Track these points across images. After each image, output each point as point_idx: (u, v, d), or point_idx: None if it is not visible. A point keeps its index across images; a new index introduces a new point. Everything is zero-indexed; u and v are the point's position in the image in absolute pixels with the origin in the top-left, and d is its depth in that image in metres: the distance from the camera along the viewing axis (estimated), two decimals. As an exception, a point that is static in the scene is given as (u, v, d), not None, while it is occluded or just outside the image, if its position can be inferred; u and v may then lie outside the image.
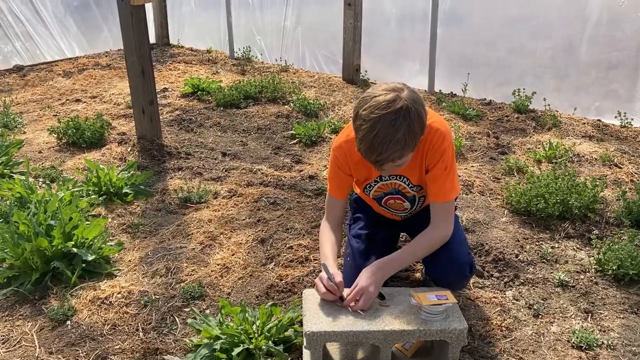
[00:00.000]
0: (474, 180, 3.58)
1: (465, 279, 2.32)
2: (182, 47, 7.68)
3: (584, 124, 4.54)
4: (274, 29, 6.69)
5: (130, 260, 2.82)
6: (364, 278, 2.03)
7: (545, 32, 4.82)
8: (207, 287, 2.59)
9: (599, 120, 4.61)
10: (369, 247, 2.33)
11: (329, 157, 2.29)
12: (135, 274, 2.71)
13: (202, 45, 7.55)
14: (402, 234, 2.68)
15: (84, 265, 2.66)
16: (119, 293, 2.55)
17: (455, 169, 2.16)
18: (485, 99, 5.18)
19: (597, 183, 3.22)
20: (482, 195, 3.44)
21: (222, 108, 5.14)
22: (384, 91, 1.86)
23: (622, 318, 2.37)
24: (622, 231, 2.93)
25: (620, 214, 3.07)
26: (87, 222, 2.88)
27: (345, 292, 2.05)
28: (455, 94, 5.33)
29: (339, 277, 2.03)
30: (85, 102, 5.37)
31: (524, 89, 4.85)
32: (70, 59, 6.99)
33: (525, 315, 2.39)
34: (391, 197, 2.30)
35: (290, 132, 4.49)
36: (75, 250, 2.68)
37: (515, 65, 5.05)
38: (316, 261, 2.75)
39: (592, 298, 2.49)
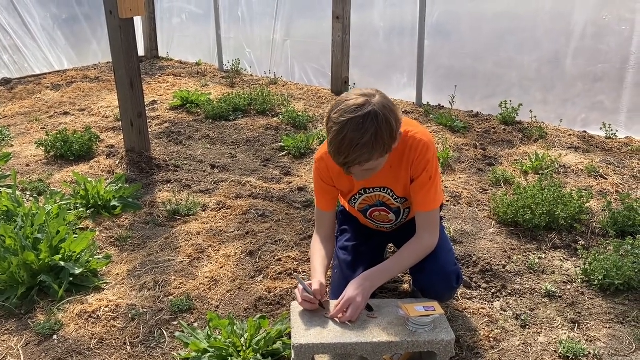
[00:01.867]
0: (462, 192, 3.61)
1: (453, 290, 2.32)
2: (172, 59, 7.70)
3: (570, 135, 4.59)
4: (263, 42, 6.73)
5: (118, 274, 2.81)
6: (351, 289, 2.03)
7: (531, 45, 4.88)
8: (196, 300, 2.58)
9: (585, 131, 4.66)
10: (356, 259, 2.34)
11: (313, 169, 2.31)
12: (123, 287, 2.70)
13: (191, 58, 7.57)
14: (389, 245, 2.69)
15: (71, 278, 2.65)
16: (106, 307, 2.53)
17: (439, 178, 2.18)
18: (472, 111, 5.23)
19: (583, 194, 3.25)
20: (470, 206, 3.46)
21: (211, 120, 5.15)
22: (355, 96, 1.90)
23: (609, 328, 2.38)
24: (607, 241, 2.96)
25: (605, 224, 3.10)
26: (74, 236, 2.87)
27: (333, 304, 2.05)
28: (442, 106, 5.37)
29: (316, 284, 2.04)
30: (73, 115, 5.35)
31: (510, 101, 4.90)
32: (58, 71, 6.98)
33: (512, 325, 2.40)
34: (376, 209, 2.31)
35: (279, 144, 4.51)
36: (62, 263, 2.66)
37: (502, 78, 5.11)
38: (304, 273, 2.75)
39: (579, 308, 2.51)
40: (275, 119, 5.16)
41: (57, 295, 2.56)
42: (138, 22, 7.60)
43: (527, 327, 2.39)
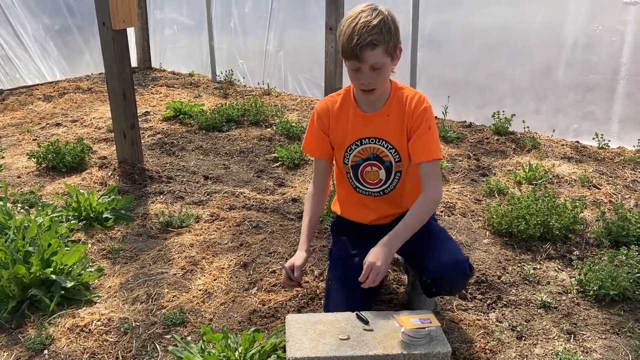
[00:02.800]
0: (456, 202, 3.60)
1: (467, 278, 2.31)
2: (164, 70, 7.68)
3: (563, 145, 4.61)
4: (257, 52, 6.73)
5: (110, 287, 2.78)
6: (372, 255, 2.10)
7: (523, 56, 4.91)
8: (189, 313, 2.56)
9: (578, 141, 4.68)
10: (353, 271, 2.29)
11: (311, 116, 2.40)
12: (115, 300, 2.67)
13: (184, 69, 7.56)
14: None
15: (62, 292, 2.62)
16: (98, 320, 2.50)
17: (437, 132, 2.28)
18: (465, 121, 5.25)
19: (577, 204, 3.26)
20: (464, 217, 3.46)
21: (204, 131, 5.14)
22: (361, 5, 2.12)
23: (604, 339, 2.38)
24: (602, 251, 2.96)
25: (599, 234, 3.10)
26: (66, 248, 2.84)
27: (328, 316, 2.04)
28: (436, 117, 5.34)
29: (298, 259, 2.28)
30: (65, 126, 5.33)
31: (503, 111, 4.92)
32: (50, 82, 6.95)
33: (508, 337, 2.39)
34: (369, 164, 2.32)
35: (273, 155, 4.50)
36: (53, 277, 2.63)
37: (495, 88, 5.13)
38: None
39: (575, 319, 2.50)
40: (268, 129, 5.16)
41: (48, 309, 2.53)
42: (131, 32, 7.59)
43: (523, 338, 2.38)
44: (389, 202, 2.38)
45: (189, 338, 2.39)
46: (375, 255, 2.09)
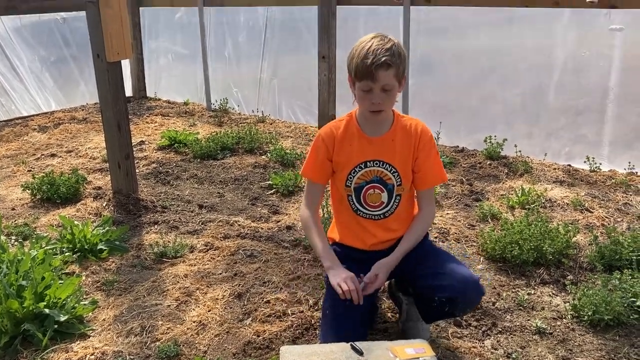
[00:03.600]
0: (450, 228, 3.62)
1: (482, 296, 2.35)
2: (159, 99, 7.74)
3: (555, 169, 4.64)
4: (250, 81, 6.80)
5: (104, 319, 2.77)
6: (376, 266, 2.29)
7: (514, 80, 4.98)
8: (183, 345, 2.55)
9: (569, 165, 4.72)
10: (349, 300, 2.29)
11: (313, 142, 2.44)
12: (109, 333, 2.65)
13: (179, 98, 7.62)
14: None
15: (56, 326, 2.60)
16: (92, 354, 2.48)
17: (439, 156, 2.43)
18: (458, 146, 5.29)
19: (570, 228, 3.27)
20: (458, 242, 3.47)
21: (199, 160, 5.16)
22: (369, 34, 2.22)
23: (600, 365, 2.38)
24: (595, 276, 2.97)
25: (593, 258, 3.11)
26: (60, 281, 2.83)
27: (331, 346, 2.05)
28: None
29: (350, 281, 2.23)
30: (60, 156, 5.35)
31: (495, 136, 4.96)
32: (46, 113, 6.99)
33: (504, 364, 2.38)
34: (371, 186, 2.36)
35: (268, 182, 4.51)
36: (47, 311, 2.62)
37: (486, 113, 5.18)
38: (294, 315, 2.72)
39: (570, 345, 2.50)
40: (263, 157, 5.19)
41: (41, 344, 2.51)
42: (126, 62, 7.66)
43: (519, 365, 2.38)
44: (387, 226, 2.42)
45: (183, 371, 2.38)
46: (382, 261, 2.31)
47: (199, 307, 2.84)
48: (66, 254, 3.30)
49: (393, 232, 2.42)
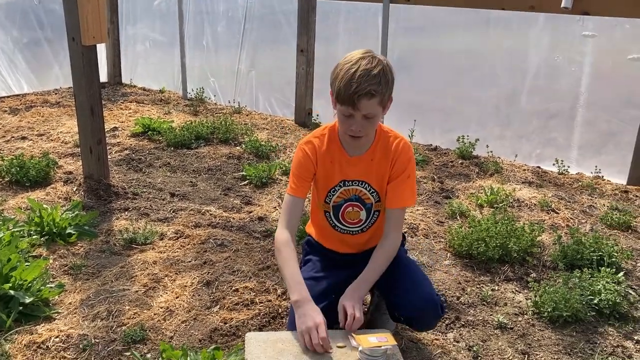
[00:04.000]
0: (419, 224, 3.67)
1: (439, 318, 2.36)
2: (135, 86, 7.66)
3: (525, 170, 4.74)
4: (228, 71, 6.77)
5: (70, 303, 2.75)
6: (346, 300, 2.13)
7: (489, 82, 5.06)
8: (150, 330, 2.55)
9: (539, 167, 4.82)
10: (317, 293, 2.31)
11: (294, 156, 2.36)
12: (75, 317, 2.64)
13: (155, 85, 7.55)
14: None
15: (21, 308, 2.58)
16: (56, 337, 2.47)
17: (415, 179, 2.32)
18: (431, 144, 5.35)
19: (535, 228, 3.35)
20: (427, 238, 3.52)
21: (172, 148, 5.13)
22: (358, 51, 2.13)
23: (557, 359, 2.45)
24: (557, 274, 3.05)
25: (556, 257, 3.20)
26: (26, 264, 2.81)
27: (296, 333, 2.06)
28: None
29: (319, 318, 2.02)
30: (31, 139, 5.27)
31: (468, 135, 5.04)
32: (17, 95, 6.86)
33: (465, 357, 2.44)
34: (350, 204, 2.35)
35: (241, 173, 4.52)
36: (12, 292, 2.59)
37: (461, 113, 5.26)
38: (262, 304, 2.74)
39: (529, 340, 2.57)
40: (237, 148, 5.18)
41: (5, 326, 2.49)
42: (102, 47, 7.56)
43: (479, 358, 2.44)
44: (364, 237, 2.44)
45: (148, 355, 2.38)
46: (349, 299, 2.12)
47: (167, 293, 2.84)
48: (34, 237, 3.27)
49: (370, 242, 2.44)
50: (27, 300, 2.60)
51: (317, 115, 5.94)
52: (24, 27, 7.04)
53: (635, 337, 2.60)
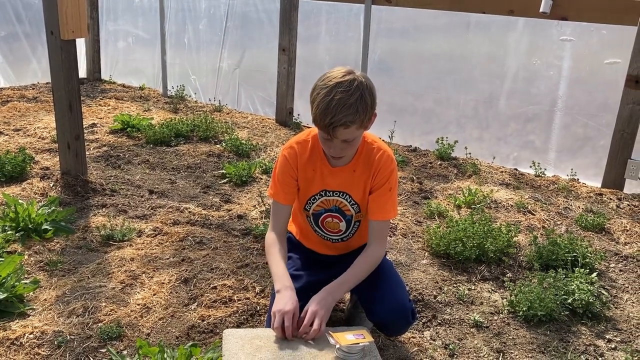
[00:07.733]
0: (398, 223, 3.70)
1: (409, 325, 2.38)
2: (114, 83, 7.59)
3: (502, 172, 4.80)
4: (209, 69, 6.74)
5: (45, 299, 2.72)
6: (315, 303, 2.06)
7: (468, 85, 5.11)
8: (126, 327, 2.53)
9: (516, 169, 4.89)
10: (307, 288, 2.30)
11: (277, 159, 2.34)
12: (50, 313, 2.61)
13: (135, 82, 7.49)
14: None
15: (-6, 304, 2.55)
16: (30, 333, 2.44)
17: (396, 192, 2.29)
18: (411, 145, 5.39)
19: (511, 228, 3.40)
20: (405, 237, 3.55)
21: (152, 145, 5.10)
22: (339, 69, 2.06)
23: (531, 357, 2.48)
24: (532, 274, 3.09)
25: (531, 258, 3.24)
26: (0, 259, 2.77)
27: (269, 331, 2.06)
28: (382, 140, 5.50)
29: (290, 304, 2.03)
30: (7, 134, 5.19)
31: (447, 137, 5.09)
32: (-6, 89, 6.76)
33: (441, 355, 2.47)
34: (330, 215, 2.35)
35: (221, 171, 4.50)
36: (-15, 288, 2.56)
37: (440, 115, 5.30)
38: (240, 301, 2.74)
39: (504, 338, 2.61)
40: (217, 146, 5.16)
41: (-22, 321, 2.46)
42: (81, 43, 7.48)
43: (455, 356, 2.46)
44: (346, 244, 2.45)
45: (125, 352, 2.36)
46: (318, 304, 2.06)
47: (144, 290, 2.83)
48: (8, 232, 3.22)
49: (352, 246, 2.45)
50: (1, 296, 2.56)
51: (299, 115, 5.95)
52: (1, 20, 6.92)
53: (607, 336, 2.65)
